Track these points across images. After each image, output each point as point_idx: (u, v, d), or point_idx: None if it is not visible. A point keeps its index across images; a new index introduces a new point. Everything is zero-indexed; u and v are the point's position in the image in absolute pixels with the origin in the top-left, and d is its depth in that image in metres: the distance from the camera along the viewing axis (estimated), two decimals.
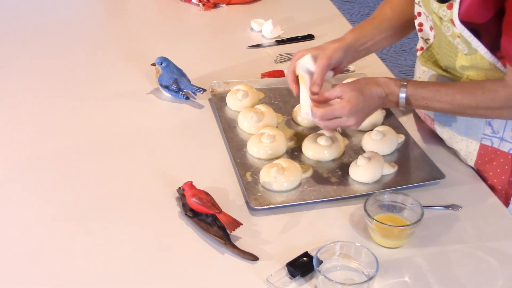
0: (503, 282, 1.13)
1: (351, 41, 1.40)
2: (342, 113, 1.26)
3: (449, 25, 1.23)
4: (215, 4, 2.15)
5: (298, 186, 1.32)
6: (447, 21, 1.23)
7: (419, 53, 1.40)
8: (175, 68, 1.63)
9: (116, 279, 1.13)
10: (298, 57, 1.39)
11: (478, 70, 1.26)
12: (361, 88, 1.28)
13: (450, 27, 1.23)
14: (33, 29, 2.01)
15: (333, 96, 1.29)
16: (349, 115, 1.26)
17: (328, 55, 1.36)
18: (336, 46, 1.38)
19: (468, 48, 1.24)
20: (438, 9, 1.24)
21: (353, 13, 4.30)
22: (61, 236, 1.21)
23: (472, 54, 1.24)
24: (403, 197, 1.23)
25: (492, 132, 1.34)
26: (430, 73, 1.40)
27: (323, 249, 1.11)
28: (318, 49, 1.39)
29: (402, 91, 1.28)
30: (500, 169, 1.35)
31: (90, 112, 1.59)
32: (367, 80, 1.32)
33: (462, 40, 1.23)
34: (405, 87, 1.28)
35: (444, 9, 1.22)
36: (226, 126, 1.51)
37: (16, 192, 1.33)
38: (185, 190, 1.24)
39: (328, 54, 1.36)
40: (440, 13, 1.23)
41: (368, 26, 1.44)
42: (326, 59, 1.35)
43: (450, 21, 1.22)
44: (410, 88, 1.28)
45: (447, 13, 1.22)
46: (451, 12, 1.21)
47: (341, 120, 1.28)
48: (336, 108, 1.27)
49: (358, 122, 1.29)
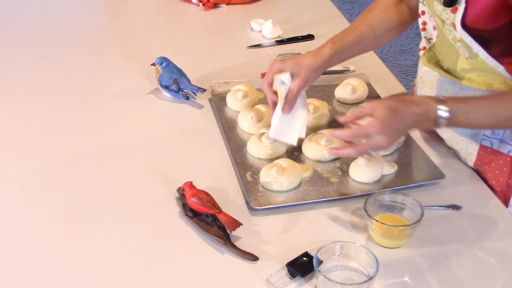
0: (503, 282, 1.13)
1: (329, 57, 1.38)
2: (373, 131, 1.18)
3: (451, 29, 1.23)
4: (215, 4, 2.15)
5: (298, 186, 1.32)
6: (449, 24, 1.23)
7: (422, 52, 1.40)
8: (175, 68, 1.63)
9: (116, 279, 1.13)
10: (275, 70, 1.36)
11: (479, 73, 1.26)
12: (395, 106, 1.19)
13: (452, 31, 1.23)
14: (33, 29, 2.01)
15: (364, 113, 1.22)
16: (381, 133, 1.17)
17: (306, 77, 1.34)
18: (314, 65, 1.35)
19: (469, 52, 1.23)
20: (441, 12, 1.23)
21: (353, 13, 4.30)
22: (61, 236, 1.21)
23: (473, 58, 1.23)
24: (403, 197, 1.23)
25: (492, 133, 1.34)
26: (432, 73, 1.40)
27: (323, 249, 1.11)
28: (296, 65, 1.35)
29: (442, 108, 1.17)
30: (499, 170, 1.35)
31: (90, 112, 1.59)
32: (402, 97, 1.26)
33: (463, 44, 1.22)
34: (445, 102, 1.18)
35: (448, 12, 1.22)
36: (226, 126, 1.51)
37: (16, 192, 1.33)
38: (185, 190, 1.24)
39: (306, 75, 1.34)
40: (443, 15, 1.23)
41: (350, 37, 1.42)
42: (304, 80, 1.34)
43: (452, 25, 1.21)
44: (450, 103, 1.18)
45: (450, 17, 1.21)
46: (454, 16, 1.20)
47: (371, 141, 1.19)
48: (368, 126, 1.18)
49: (390, 142, 1.19)
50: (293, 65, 1.35)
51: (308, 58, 1.37)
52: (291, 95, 1.33)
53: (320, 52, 1.38)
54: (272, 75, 1.35)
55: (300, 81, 1.33)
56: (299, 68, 1.34)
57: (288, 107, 1.34)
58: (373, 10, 1.46)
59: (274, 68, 1.36)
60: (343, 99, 1.60)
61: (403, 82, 3.44)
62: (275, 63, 1.36)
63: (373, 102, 1.22)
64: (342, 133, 1.23)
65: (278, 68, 1.35)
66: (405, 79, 3.54)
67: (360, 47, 1.44)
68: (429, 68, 1.40)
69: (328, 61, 1.38)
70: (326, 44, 1.40)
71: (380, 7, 1.46)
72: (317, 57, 1.37)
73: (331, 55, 1.38)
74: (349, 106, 1.58)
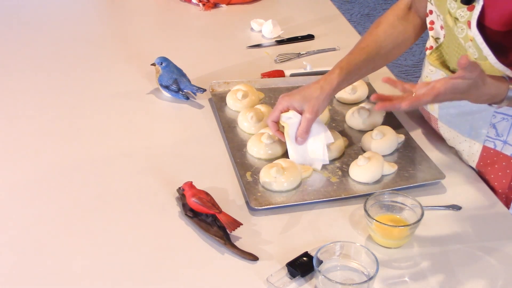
0: (503, 282, 1.13)
1: (337, 85, 1.37)
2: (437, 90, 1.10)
3: (464, 27, 1.22)
4: (215, 4, 2.15)
5: (298, 186, 1.32)
6: (463, 22, 1.22)
7: (428, 51, 1.39)
8: (175, 68, 1.63)
9: (116, 279, 1.13)
10: (281, 107, 1.37)
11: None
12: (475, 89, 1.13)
13: (465, 29, 1.22)
14: (33, 29, 2.01)
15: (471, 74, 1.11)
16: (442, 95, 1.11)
17: (315, 110, 1.34)
18: (322, 97, 1.35)
19: (478, 53, 1.23)
20: (456, 9, 1.22)
21: (353, 13, 4.30)
22: (61, 236, 1.21)
23: (482, 60, 1.23)
24: (403, 197, 1.22)
25: (496, 135, 1.33)
26: (439, 72, 1.39)
27: (323, 249, 1.11)
28: (303, 99, 1.35)
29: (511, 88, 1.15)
30: (501, 172, 1.35)
31: (90, 112, 1.59)
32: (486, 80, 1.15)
33: (474, 44, 1.21)
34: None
35: (464, 10, 1.20)
36: (226, 126, 1.51)
37: (16, 192, 1.32)
38: (185, 190, 1.24)
39: (315, 108, 1.34)
40: (458, 13, 1.22)
41: (358, 59, 1.40)
42: (313, 113, 1.34)
43: (467, 23, 1.21)
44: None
45: (466, 14, 1.20)
46: (470, 14, 1.19)
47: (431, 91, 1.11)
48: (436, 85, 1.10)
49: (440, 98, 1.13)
50: (301, 100, 1.36)
51: (316, 90, 1.36)
52: (302, 131, 1.35)
53: (328, 81, 1.37)
54: (279, 112, 1.37)
55: (309, 116, 1.34)
56: (307, 103, 1.35)
57: (302, 142, 1.37)
58: (381, 25, 1.44)
59: (281, 105, 1.37)
60: (343, 99, 1.60)
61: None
62: (283, 100, 1.37)
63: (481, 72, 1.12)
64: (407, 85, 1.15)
65: (286, 105, 1.36)
66: (405, 79, 3.54)
67: (368, 68, 1.43)
68: (434, 68, 1.40)
69: (336, 88, 1.38)
70: (334, 70, 1.38)
71: (388, 21, 1.44)
72: (324, 87, 1.36)
73: (339, 82, 1.37)
74: (349, 106, 1.58)
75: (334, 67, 1.39)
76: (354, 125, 1.50)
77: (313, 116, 1.35)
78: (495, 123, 1.32)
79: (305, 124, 1.35)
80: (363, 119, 1.49)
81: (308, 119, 1.35)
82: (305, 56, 1.85)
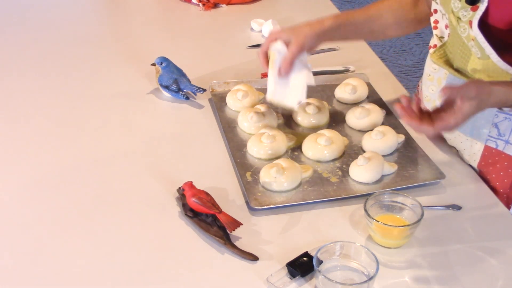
0: (503, 282, 1.13)
1: (329, 28, 1.40)
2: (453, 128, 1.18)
3: (466, 27, 1.22)
4: (215, 4, 2.15)
5: (298, 186, 1.32)
6: (465, 22, 1.22)
7: (432, 50, 1.39)
8: (175, 68, 1.63)
9: (116, 279, 1.13)
10: (271, 38, 1.41)
11: (490, 74, 1.25)
12: (482, 103, 1.17)
13: (467, 29, 1.22)
14: (33, 29, 2.01)
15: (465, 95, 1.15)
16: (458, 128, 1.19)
17: (301, 43, 1.37)
18: (310, 33, 1.38)
19: (481, 53, 1.23)
20: (460, 9, 1.23)
21: None
22: (61, 236, 1.21)
23: (485, 59, 1.23)
24: (403, 197, 1.22)
25: (498, 135, 1.33)
26: (442, 71, 1.39)
27: (323, 249, 1.11)
28: (292, 32, 1.39)
29: None
30: (503, 172, 1.35)
31: (90, 112, 1.59)
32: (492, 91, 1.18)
33: (476, 44, 1.22)
34: None
35: (467, 10, 1.21)
36: (226, 126, 1.51)
37: (16, 192, 1.32)
38: (185, 190, 1.24)
39: (301, 42, 1.37)
40: (461, 13, 1.22)
41: (356, 15, 1.44)
42: (298, 47, 1.37)
43: (468, 22, 1.21)
44: None
45: (469, 14, 1.21)
46: (473, 14, 1.20)
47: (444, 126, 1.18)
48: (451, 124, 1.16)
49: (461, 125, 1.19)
50: (289, 32, 1.39)
51: (305, 26, 1.40)
52: (284, 61, 1.38)
53: (320, 22, 1.40)
54: (269, 43, 1.41)
55: (294, 48, 1.37)
56: (295, 36, 1.38)
57: (283, 72, 1.38)
58: (388, 0, 1.47)
59: (271, 36, 1.41)
60: (343, 99, 1.60)
61: (403, 82, 3.44)
62: (273, 32, 1.41)
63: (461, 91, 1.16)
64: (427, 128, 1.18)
65: (274, 36, 1.40)
66: (405, 79, 3.54)
67: (364, 30, 1.45)
68: (438, 66, 1.40)
69: (328, 32, 1.40)
70: (329, 16, 1.42)
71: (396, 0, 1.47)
72: (314, 26, 1.40)
73: (330, 26, 1.40)
74: (349, 106, 1.58)
75: (332, 14, 1.42)
76: (354, 125, 1.50)
77: (298, 49, 1.37)
78: (497, 123, 1.32)
79: (289, 56, 1.37)
80: (363, 119, 1.49)
81: (292, 51, 1.37)
82: None
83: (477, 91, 1.15)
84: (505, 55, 1.21)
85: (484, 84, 1.18)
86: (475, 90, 1.15)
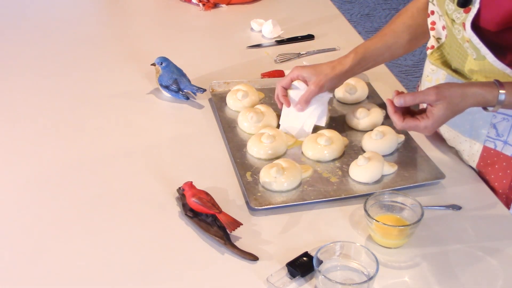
0: (503, 282, 1.13)
1: (350, 67, 1.43)
2: (425, 131, 1.22)
3: (460, 29, 1.22)
4: (215, 4, 2.15)
5: (298, 186, 1.32)
6: (459, 24, 1.22)
7: (429, 51, 1.40)
8: (175, 68, 1.63)
9: (116, 279, 1.13)
10: (292, 75, 1.44)
11: (487, 74, 1.26)
12: (455, 106, 1.19)
13: (461, 31, 1.23)
14: (33, 29, 2.01)
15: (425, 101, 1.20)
16: (432, 131, 1.23)
17: (321, 84, 1.42)
18: (332, 75, 1.42)
19: (476, 54, 1.23)
20: (453, 11, 1.23)
21: (353, 13, 4.30)
22: (61, 236, 1.21)
23: (481, 60, 1.23)
24: (403, 197, 1.23)
25: (496, 135, 1.33)
26: (439, 72, 1.39)
27: (323, 249, 1.11)
28: (313, 71, 1.42)
29: (501, 93, 1.17)
30: (502, 172, 1.35)
31: (90, 112, 1.59)
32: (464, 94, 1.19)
33: (471, 45, 1.22)
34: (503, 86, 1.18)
35: (460, 12, 1.21)
36: (226, 126, 1.51)
37: (16, 192, 1.32)
38: (185, 190, 1.24)
39: (321, 83, 1.42)
40: (454, 15, 1.23)
41: (374, 46, 1.45)
42: (317, 87, 1.41)
43: (462, 24, 1.21)
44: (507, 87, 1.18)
45: (462, 16, 1.21)
46: (465, 16, 1.20)
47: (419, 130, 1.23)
48: (421, 126, 1.21)
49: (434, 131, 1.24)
50: (311, 72, 1.43)
51: (327, 67, 1.43)
52: (301, 98, 1.43)
53: (341, 63, 1.43)
54: (289, 79, 1.45)
55: (313, 87, 1.42)
56: (316, 76, 1.42)
57: (298, 108, 1.45)
58: (401, 16, 1.47)
59: (293, 73, 1.44)
60: (343, 99, 1.60)
61: (403, 82, 3.44)
62: (295, 69, 1.44)
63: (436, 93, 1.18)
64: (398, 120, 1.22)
65: (296, 74, 1.44)
66: (405, 79, 3.54)
67: (385, 56, 1.47)
68: (435, 67, 1.40)
69: (349, 71, 1.44)
70: (349, 54, 1.44)
71: (408, 13, 1.46)
72: (336, 67, 1.43)
73: (352, 66, 1.43)
74: (349, 106, 1.58)
75: (350, 51, 1.45)
76: (354, 125, 1.50)
77: (316, 89, 1.41)
78: (495, 123, 1.32)
79: (307, 94, 1.43)
80: (363, 119, 1.49)
81: (311, 90, 1.42)
82: (305, 56, 1.85)
83: (437, 96, 1.17)
84: (500, 57, 1.21)
85: (453, 87, 1.20)
86: (434, 95, 1.18)
